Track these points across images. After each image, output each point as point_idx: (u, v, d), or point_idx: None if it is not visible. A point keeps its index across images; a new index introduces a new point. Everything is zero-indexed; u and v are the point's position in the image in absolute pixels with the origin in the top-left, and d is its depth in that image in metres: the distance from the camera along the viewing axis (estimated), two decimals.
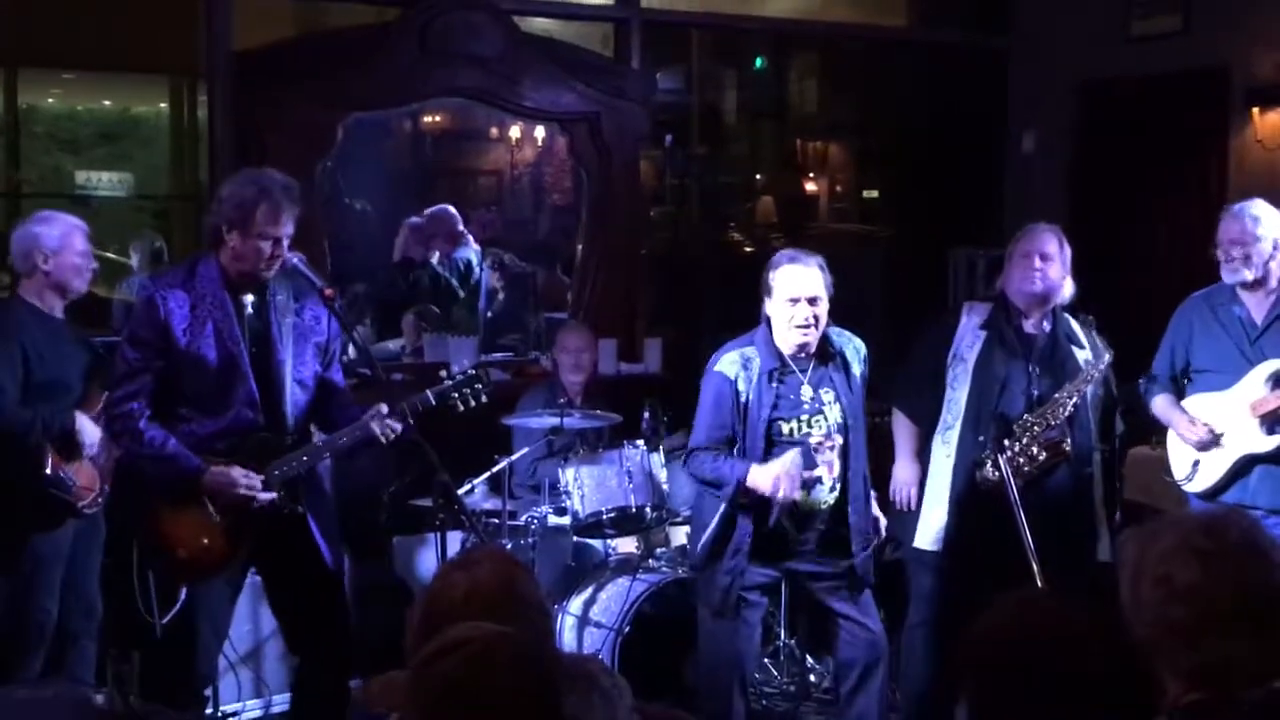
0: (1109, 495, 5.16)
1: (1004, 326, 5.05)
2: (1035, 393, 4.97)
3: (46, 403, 4.99)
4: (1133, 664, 2.15)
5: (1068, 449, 4.91)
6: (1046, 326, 5.07)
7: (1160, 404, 5.49)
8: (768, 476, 4.57)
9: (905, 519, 5.19)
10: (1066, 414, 4.93)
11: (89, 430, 5.03)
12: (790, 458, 4.57)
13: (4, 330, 5.01)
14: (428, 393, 4.58)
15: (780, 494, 4.56)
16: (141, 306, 4.34)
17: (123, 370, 4.33)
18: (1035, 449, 4.88)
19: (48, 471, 4.95)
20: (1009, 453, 4.82)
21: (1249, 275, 5.23)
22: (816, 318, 4.64)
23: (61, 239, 5.10)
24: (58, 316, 5.15)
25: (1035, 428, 4.91)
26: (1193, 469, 5.38)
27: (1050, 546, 4.54)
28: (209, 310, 4.32)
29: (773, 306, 4.69)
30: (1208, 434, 5.27)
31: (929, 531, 5.10)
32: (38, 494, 4.96)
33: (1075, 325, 5.16)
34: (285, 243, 4.36)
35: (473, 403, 4.64)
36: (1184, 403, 5.43)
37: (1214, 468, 5.31)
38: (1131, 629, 2.27)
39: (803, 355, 4.71)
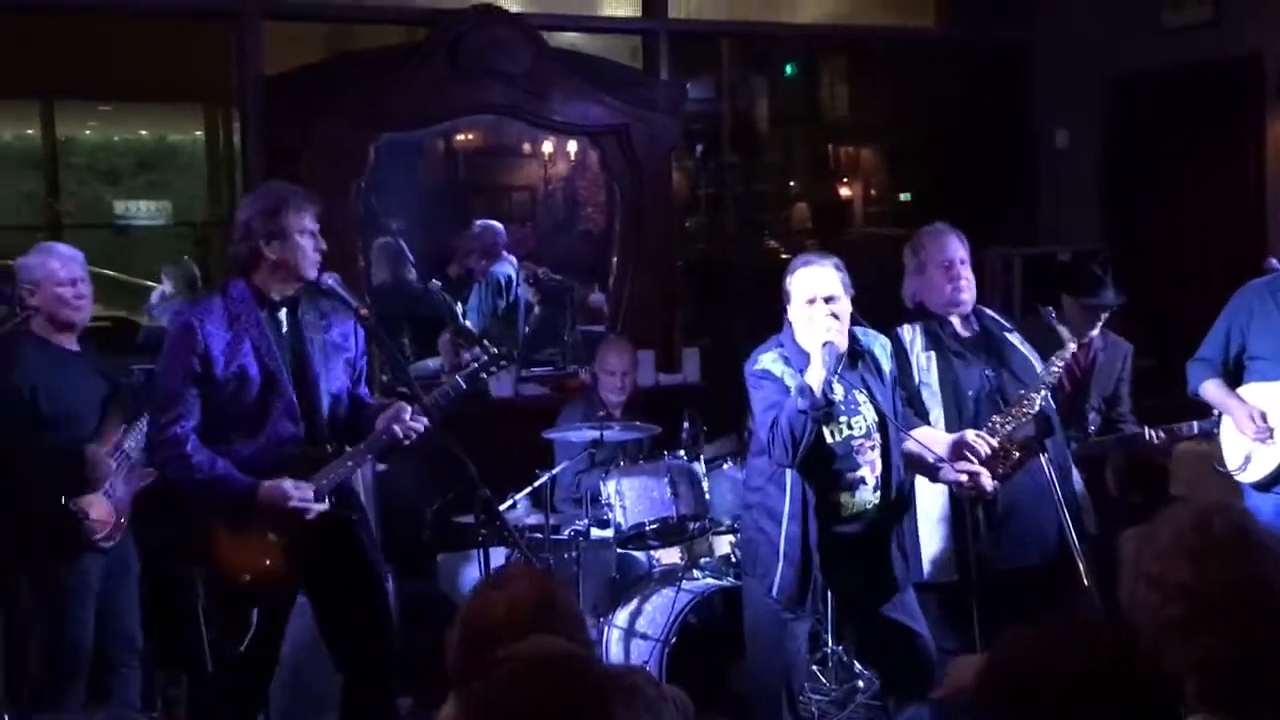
0: (1104, 470, 5.11)
1: (945, 339, 4.95)
2: (999, 394, 4.86)
3: (55, 435, 4.98)
4: (1141, 677, 2.16)
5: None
6: (975, 324, 4.99)
7: (1212, 389, 5.44)
8: (815, 358, 4.50)
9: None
10: (1036, 409, 4.79)
11: (102, 465, 5.01)
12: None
13: (6, 366, 5.00)
14: (458, 378, 4.64)
15: (834, 347, 4.50)
16: (179, 332, 4.37)
17: (164, 398, 4.36)
18: (1010, 446, 4.76)
19: (62, 504, 4.95)
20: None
21: None
22: (836, 315, 4.59)
23: (39, 269, 5.06)
24: (69, 348, 5.12)
25: (1007, 427, 4.77)
26: (1245, 460, 5.34)
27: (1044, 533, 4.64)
28: (245, 329, 4.38)
29: (793, 311, 4.66)
30: (1263, 430, 5.22)
31: (925, 561, 4.90)
32: (52, 526, 4.95)
33: (994, 314, 5.10)
34: (319, 237, 4.44)
35: (497, 375, 4.82)
36: (1239, 391, 5.38)
37: (1267, 459, 5.28)
38: (1136, 630, 2.28)
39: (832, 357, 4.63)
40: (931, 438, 4.80)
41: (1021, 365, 4.92)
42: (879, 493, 4.69)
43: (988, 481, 4.70)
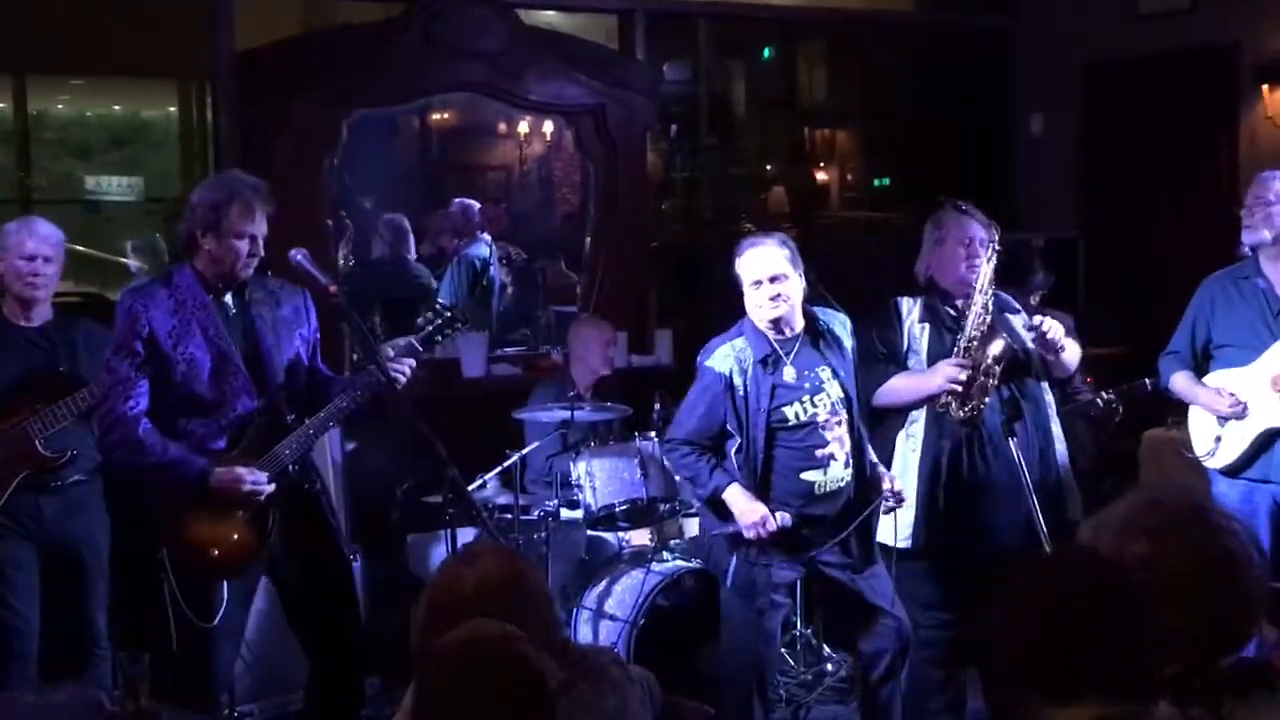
0: (1072, 455, 5.10)
1: (943, 315, 4.98)
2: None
3: None
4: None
5: (1015, 347, 4.87)
6: None
7: (1180, 380, 5.45)
8: (747, 508, 4.60)
9: None
10: (986, 322, 4.85)
11: None
12: (779, 516, 4.60)
13: None
14: (413, 340, 4.66)
15: (749, 534, 4.60)
16: (123, 317, 4.36)
17: (111, 382, 4.35)
18: (986, 365, 4.81)
19: None
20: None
21: (1267, 235, 5.21)
22: (781, 295, 4.63)
23: (11, 237, 5.03)
24: (21, 324, 5.06)
25: (970, 350, 4.84)
26: (1214, 444, 5.34)
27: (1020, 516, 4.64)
28: (192, 312, 4.36)
29: (746, 295, 4.71)
30: (1235, 403, 5.23)
31: (900, 527, 4.93)
32: None
33: (1007, 296, 5.13)
34: (260, 241, 4.41)
35: (453, 336, 4.88)
36: (1205, 379, 5.39)
37: (1236, 443, 5.28)
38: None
39: (787, 336, 4.70)
40: (914, 379, 4.89)
41: (1021, 346, 4.96)
42: (850, 469, 4.71)
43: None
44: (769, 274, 4.63)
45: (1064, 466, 5.03)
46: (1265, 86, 7.83)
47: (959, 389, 4.81)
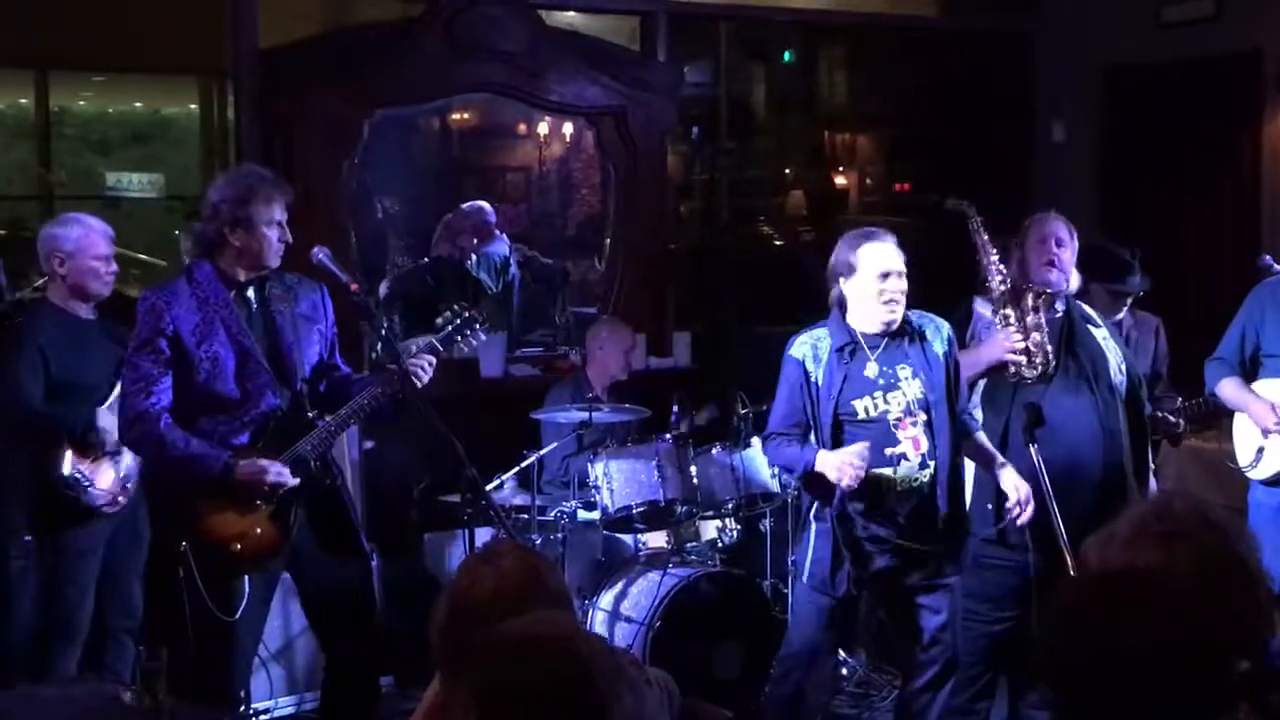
0: (1139, 467, 5.08)
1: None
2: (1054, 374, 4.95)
3: (64, 402, 5.04)
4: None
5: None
6: (1060, 308, 5.05)
7: (1229, 386, 5.44)
8: (831, 462, 4.56)
9: None
10: (1006, 282, 5.01)
11: (113, 428, 5.03)
12: (856, 447, 4.55)
13: (23, 334, 5.08)
14: (434, 340, 4.69)
15: (844, 482, 4.54)
16: (146, 314, 4.39)
17: (133, 378, 4.37)
18: (1030, 321, 4.92)
19: (64, 471, 5.00)
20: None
21: None
22: (902, 290, 4.68)
23: (78, 242, 5.10)
24: (85, 318, 5.16)
25: (1008, 316, 4.94)
26: (1257, 455, 5.35)
27: (1082, 520, 4.51)
28: (215, 310, 4.39)
29: (857, 284, 4.70)
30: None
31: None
32: (51, 493, 5.01)
33: (1089, 309, 5.18)
34: (286, 228, 4.46)
35: (475, 342, 4.85)
36: (1253, 386, 5.39)
37: (1278, 454, 5.27)
38: None
39: (879, 333, 4.71)
40: (968, 355, 4.97)
41: (1095, 355, 5.00)
42: (927, 471, 4.68)
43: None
44: (897, 268, 4.68)
45: (1127, 471, 5.03)
46: None
47: (1020, 355, 4.91)
